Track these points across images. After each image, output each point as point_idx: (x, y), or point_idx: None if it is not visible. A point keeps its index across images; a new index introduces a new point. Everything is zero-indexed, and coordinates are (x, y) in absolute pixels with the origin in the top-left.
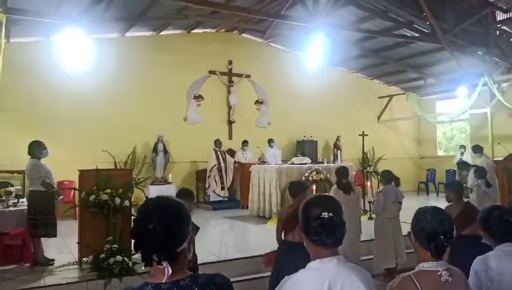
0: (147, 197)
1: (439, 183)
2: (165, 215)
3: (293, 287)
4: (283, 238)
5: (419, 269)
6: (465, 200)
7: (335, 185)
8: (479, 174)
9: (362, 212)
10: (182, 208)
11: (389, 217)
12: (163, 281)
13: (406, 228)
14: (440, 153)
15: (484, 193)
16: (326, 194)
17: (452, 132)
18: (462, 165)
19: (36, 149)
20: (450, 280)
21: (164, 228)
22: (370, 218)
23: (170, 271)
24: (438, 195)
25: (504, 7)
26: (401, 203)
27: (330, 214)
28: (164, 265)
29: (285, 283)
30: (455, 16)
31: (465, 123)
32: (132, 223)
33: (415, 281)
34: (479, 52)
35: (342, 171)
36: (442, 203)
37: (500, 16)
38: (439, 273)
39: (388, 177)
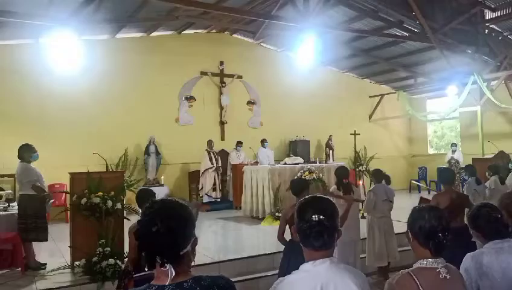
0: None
1: (431, 181)
2: (169, 218)
3: (285, 289)
4: (291, 237)
5: (418, 266)
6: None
7: (334, 186)
8: (469, 172)
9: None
10: (187, 211)
11: (380, 216)
12: (166, 283)
13: (398, 227)
14: (431, 151)
15: (474, 191)
16: (322, 195)
17: (443, 130)
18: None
19: (26, 153)
20: (448, 277)
21: (168, 231)
22: (362, 217)
23: (174, 273)
24: (429, 193)
25: (492, 6)
26: (392, 201)
27: (321, 216)
28: (168, 267)
29: (278, 285)
30: (444, 15)
31: (455, 121)
32: (125, 225)
33: (415, 278)
34: (469, 51)
35: (342, 171)
36: None
37: (488, 15)
38: (437, 270)
39: (378, 176)
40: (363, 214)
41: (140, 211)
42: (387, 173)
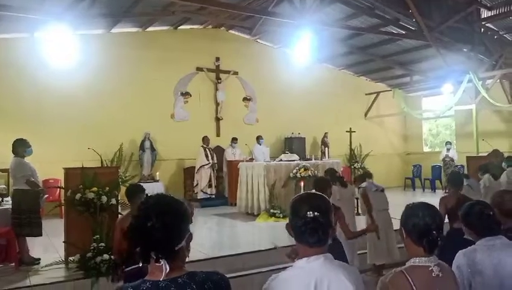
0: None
1: (425, 179)
2: (165, 213)
3: (279, 286)
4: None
5: (411, 264)
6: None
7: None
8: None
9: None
10: (182, 206)
11: (379, 209)
12: (161, 279)
13: (395, 224)
14: (426, 149)
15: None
16: (317, 192)
17: (438, 128)
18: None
19: (20, 147)
20: (440, 275)
21: (163, 226)
22: (357, 214)
23: (168, 269)
24: (423, 191)
25: (488, 5)
26: (383, 191)
27: (316, 213)
28: (162, 263)
29: (272, 282)
30: (441, 13)
31: (450, 120)
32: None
33: (408, 277)
34: (464, 50)
35: (332, 170)
36: (428, 199)
37: (484, 14)
38: (430, 268)
39: (362, 177)
40: (358, 211)
41: (130, 205)
42: (370, 170)
